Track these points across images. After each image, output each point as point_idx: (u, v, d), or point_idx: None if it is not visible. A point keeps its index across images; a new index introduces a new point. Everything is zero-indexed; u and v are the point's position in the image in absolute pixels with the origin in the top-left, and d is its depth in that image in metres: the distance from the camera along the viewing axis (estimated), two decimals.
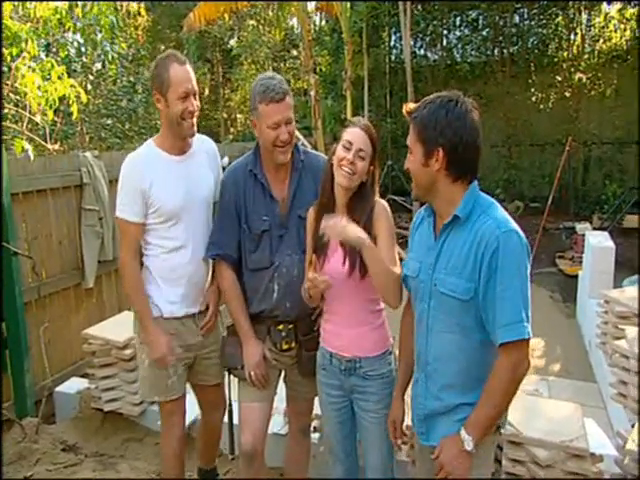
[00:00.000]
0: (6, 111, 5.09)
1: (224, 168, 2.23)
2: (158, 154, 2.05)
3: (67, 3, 3.75)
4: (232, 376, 2.16)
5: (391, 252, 1.77)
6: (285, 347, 2.03)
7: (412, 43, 9.73)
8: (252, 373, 2.01)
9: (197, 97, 2.03)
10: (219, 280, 2.10)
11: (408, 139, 1.54)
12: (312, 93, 8.09)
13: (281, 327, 2.02)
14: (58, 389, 3.29)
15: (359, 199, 1.82)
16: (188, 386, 2.28)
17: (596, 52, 9.65)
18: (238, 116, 13.31)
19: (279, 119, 1.88)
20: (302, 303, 1.96)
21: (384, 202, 1.85)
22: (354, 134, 1.77)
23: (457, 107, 1.46)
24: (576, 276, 5.50)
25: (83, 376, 3.32)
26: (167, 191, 2.02)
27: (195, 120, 2.03)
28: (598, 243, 4.68)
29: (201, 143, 2.20)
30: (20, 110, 4.05)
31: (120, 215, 2.04)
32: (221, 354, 2.15)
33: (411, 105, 1.53)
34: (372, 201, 1.83)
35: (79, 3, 4.04)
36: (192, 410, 2.44)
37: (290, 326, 2.02)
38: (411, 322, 1.73)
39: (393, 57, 10.92)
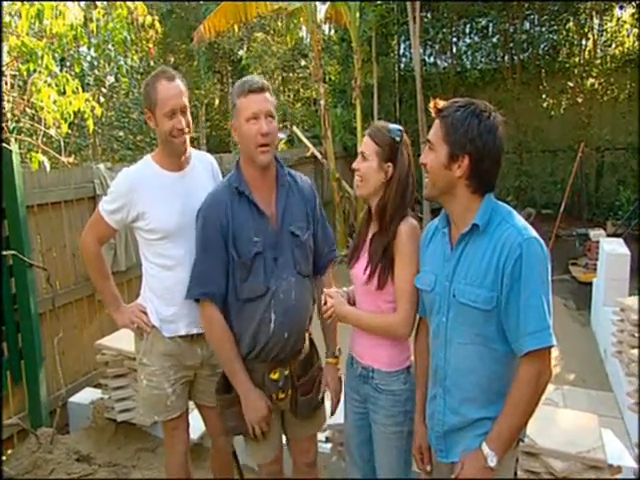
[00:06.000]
0: (22, 125, 5.18)
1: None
2: (155, 170, 2.03)
3: (82, 20, 3.81)
4: None
5: (403, 275, 1.70)
6: (281, 397, 1.92)
7: (421, 51, 9.74)
8: (256, 428, 1.87)
9: (187, 113, 1.97)
10: (204, 325, 1.90)
11: (431, 134, 1.50)
12: (321, 102, 8.13)
13: (276, 376, 1.89)
14: (72, 399, 3.31)
15: (378, 213, 1.78)
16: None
17: (608, 57, 9.58)
18: None
19: (257, 110, 1.73)
20: (301, 330, 1.89)
21: (409, 224, 1.74)
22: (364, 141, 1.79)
23: (489, 119, 1.45)
24: (590, 283, 5.42)
25: (96, 386, 3.35)
26: (162, 209, 1.98)
27: (187, 137, 1.98)
28: (612, 250, 4.62)
29: (201, 159, 2.16)
30: (35, 124, 4.12)
31: (102, 210, 2.03)
32: (223, 425, 2.02)
33: (441, 102, 1.51)
34: (392, 215, 1.73)
35: (94, 19, 4.11)
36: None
37: (286, 372, 1.91)
38: (425, 342, 1.70)
39: (402, 65, 10.94)
